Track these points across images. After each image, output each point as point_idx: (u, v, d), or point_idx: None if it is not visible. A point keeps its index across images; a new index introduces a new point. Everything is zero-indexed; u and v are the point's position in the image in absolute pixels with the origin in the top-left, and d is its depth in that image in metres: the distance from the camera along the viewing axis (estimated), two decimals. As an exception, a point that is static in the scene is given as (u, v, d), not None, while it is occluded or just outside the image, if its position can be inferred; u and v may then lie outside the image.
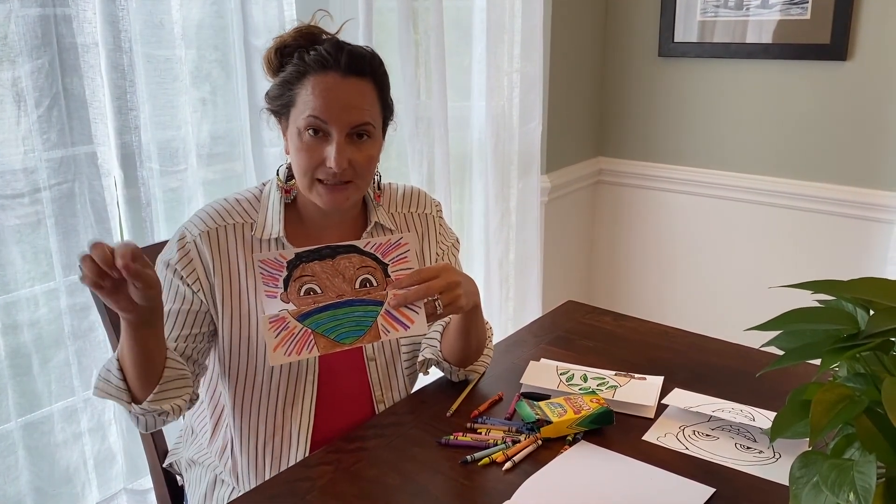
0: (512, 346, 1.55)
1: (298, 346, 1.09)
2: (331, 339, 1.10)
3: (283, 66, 1.23)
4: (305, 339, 1.09)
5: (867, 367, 0.83)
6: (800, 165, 2.55)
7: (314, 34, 1.24)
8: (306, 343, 1.09)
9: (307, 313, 1.10)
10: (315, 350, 1.10)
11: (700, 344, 1.55)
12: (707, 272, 2.82)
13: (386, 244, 1.12)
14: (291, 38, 1.23)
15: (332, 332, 1.11)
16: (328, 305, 1.11)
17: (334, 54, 1.18)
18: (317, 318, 1.10)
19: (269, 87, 1.25)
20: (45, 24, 1.44)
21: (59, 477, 1.62)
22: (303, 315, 1.10)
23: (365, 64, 1.20)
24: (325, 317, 1.10)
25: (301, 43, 1.22)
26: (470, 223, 2.56)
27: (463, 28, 2.37)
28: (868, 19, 2.33)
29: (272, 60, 1.24)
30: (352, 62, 1.18)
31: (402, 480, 1.11)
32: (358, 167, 1.20)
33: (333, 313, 1.11)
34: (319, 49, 1.19)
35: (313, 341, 1.10)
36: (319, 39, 1.23)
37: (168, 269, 1.24)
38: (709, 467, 1.13)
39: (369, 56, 1.22)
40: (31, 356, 1.54)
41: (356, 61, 1.19)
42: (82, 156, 1.55)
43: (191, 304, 1.23)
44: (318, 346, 1.10)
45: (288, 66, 1.21)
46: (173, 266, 1.23)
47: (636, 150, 2.91)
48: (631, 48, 2.83)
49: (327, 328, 1.10)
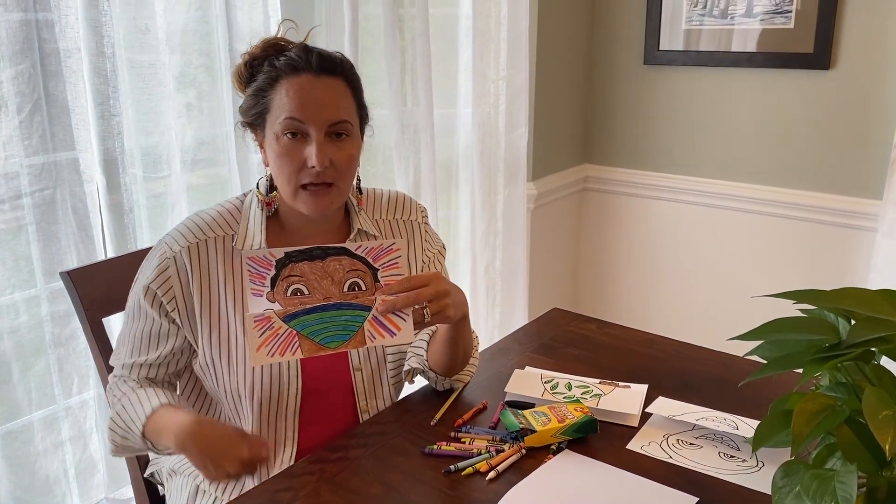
0: (497, 354, 1.55)
1: (282, 347, 1.08)
2: (315, 342, 1.09)
3: (254, 77, 1.23)
4: (290, 340, 1.08)
5: (849, 377, 0.83)
6: (784, 173, 2.56)
7: (281, 45, 1.25)
8: (290, 344, 1.08)
9: (293, 314, 1.09)
10: (299, 352, 1.09)
11: (684, 352, 1.56)
12: (692, 280, 2.83)
13: (377, 248, 1.11)
14: (259, 49, 1.24)
15: (317, 335, 1.10)
16: (315, 308, 1.09)
17: (304, 56, 1.19)
18: (303, 320, 1.09)
19: (242, 101, 1.25)
20: (26, 29, 1.43)
21: (39, 486, 1.60)
22: (289, 316, 1.08)
23: (336, 64, 1.21)
24: (311, 319, 1.09)
25: (269, 53, 1.23)
26: (456, 230, 2.56)
27: (449, 35, 2.38)
28: (851, 29, 2.35)
29: (242, 73, 1.25)
30: (322, 62, 1.20)
31: (385, 490, 1.10)
32: (339, 167, 1.20)
33: (320, 316, 1.10)
34: (289, 53, 1.20)
35: (297, 343, 1.08)
36: (287, 49, 1.24)
37: (145, 293, 1.23)
38: (692, 476, 1.13)
39: (339, 58, 1.23)
40: (11, 364, 1.53)
41: (327, 61, 1.20)
42: (64, 162, 1.53)
43: (159, 327, 1.25)
44: (301, 349, 1.09)
45: (259, 76, 1.22)
46: (152, 289, 1.23)
47: (622, 158, 2.92)
48: (617, 56, 2.85)
49: (313, 330, 1.09)
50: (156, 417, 1.17)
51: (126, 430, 1.21)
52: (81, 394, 1.65)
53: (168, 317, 1.24)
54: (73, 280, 1.34)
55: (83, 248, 1.58)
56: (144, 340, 1.25)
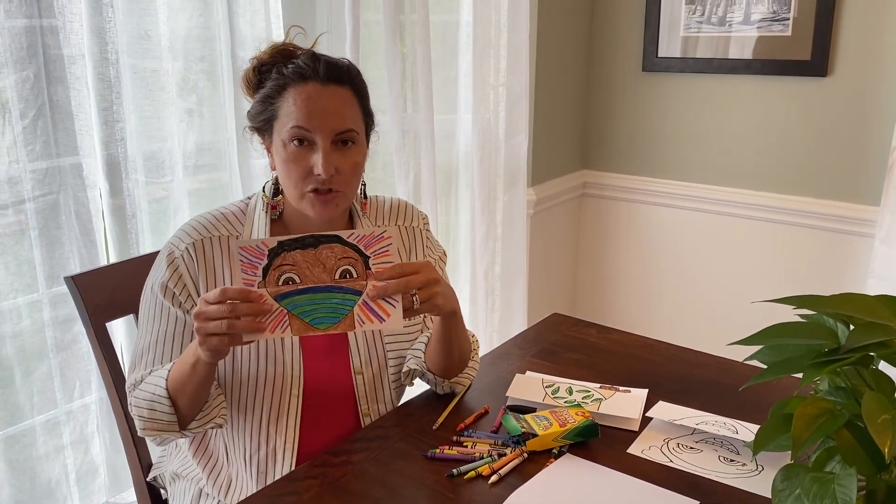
0: (497, 359, 1.56)
1: (272, 324, 1.09)
2: (305, 323, 1.10)
3: (262, 83, 1.24)
4: (280, 318, 1.09)
5: (848, 381, 0.84)
6: (782, 179, 2.58)
7: (290, 50, 1.26)
8: (280, 323, 1.09)
9: (285, 294, 1.09)
10: (289, 331, 1.10)
11: (684, 357, 1.56)
12: (691, 285, 2.84)
13: (369, 236, 1.11)
14: (268, 55, 1.25)
15: (307, 316, 1.10)
16: (306, 289, 1.10)
17: (312, 65, 1.20)
18: (294, 300, 1.10)
19: (251, 106, 1.27)
20: (31, 36, 1.44)
21: (40, 491, 1.60)
22: (280, 295, 1.09)
23: (343, 72, 1.22)
24: (302, 300, 1.10)
25: (278, 59, 1.24)
26: (456, 235, 2.56)
27: (449, 42, 2.39)
28: (848, 36, 2.37)
29: (251, 79, 1.26)
30: (330, 71, 1.20)
31: (387, 494, 1.11)
32: (344, 174, 1.21)
33: (311, 297, 1.10)
34: (297, 61, 1.21)
35: (288, 322, 1.10)
36: (295, 55, 1.25)
37: (163, 292, 1.24)
38: (692, 480, 1.14)
39: (346, 65, 1.24)
40: (14, 368, 1.53)
41: (334, 70, 1.21)
42: (67, 167, 1.54)
43: (184, 324, 1.24)
44: (291, 328, 1.10)
45: (267, 82, 1.23)
46: (169, 288, 1.23)
47: (620, 164, 2.93)
48: (615, 63, 2.86)
49: (303, 311, 1.10)
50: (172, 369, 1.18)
51: (151, 397, 1.19)
52: (83, 398, 1.65)
53: (190, 313, 1.24)
54: (77, 285, 1.35)
55: (86, 253, 1.58)
56: (168, 343, 1.25)
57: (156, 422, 1.19)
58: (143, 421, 1.20)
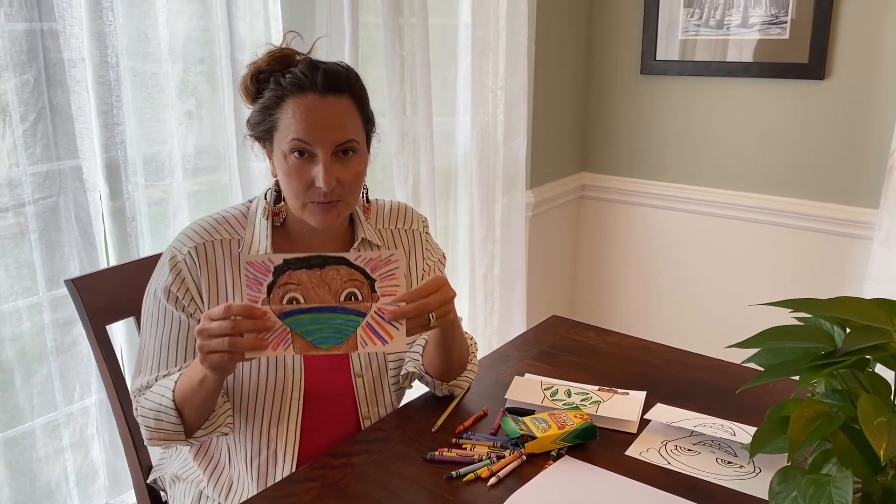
0: (496, 361, 1.56)
1: (275, 342, 1.09)
2: (308, 341, 1.10)
3: (261, 91, 1.23)
4: (283, 336, 1.09)
5: (844, 384, 0.85)
6: (780, 182, 2.58)
7: (288, 56, 1.24)
8: (283, 340, 1.09)
9: (289, 312, 1.10)
10: (291, 349, 1.10)
11: (682, 359, 1.57)
12: (689, 288, 2.85)
13: (376, 259, 1.11)
14: (265, 62, 1.23)
15: (310, 335, 1.10)
16: (311, 308, 1.10)
17: (310, 75, 1.18)
18: (298, 318, 1.10)
19: (250, 114, 1.25)
20: (31, 39, 1.44)
21: (40, 493, 1.61)
22: (284, 313, 1.09)
23: (341, 81, 1.20)
24: (306, 318, 1.10)
25: (276, 67, 1.22)
26: (455, 238, 2.57)
27: (448, 45, 2.40)
28: (845, 39, 2.37)
29: (249, 87, 1.24)
30: (328, 80, 1.19)
31: (387, 496, 1.11)
32: (346, 184, 1.21)
33: (315, 317, 1.10)
34: (295, 71, 1.19)
35: (290, 340, 1.10)
36: (293, 61, 1.23)
37: (166, 296, 1.24)
38: (690, 482, 1.14)
39: (345, 72, 1.22)
40: (14, 371, 1.53)
41: (333, 79, 1.19)
42: (67, 170, 1.55)
43: (188, 328, 1.25)
44: (294, 346, 1.10)
45: (265, 92, 1.21)
46: (172, 292, 1.24)
47: (619, 166, 2.94)
48: (613, 66, 2.87)
49: (307, 330, 1.10)
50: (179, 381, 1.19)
51: (158, 407, 1.19)
52: (83, 400, 1.66)
53: (193, 317, 1.24)
54: (77, 288, 1.35)
55: (86, 256, 1.59)
56: (172, 348, 1.25)
57: (162, 431, 1.20)
58: (150, 431, 1.21)
